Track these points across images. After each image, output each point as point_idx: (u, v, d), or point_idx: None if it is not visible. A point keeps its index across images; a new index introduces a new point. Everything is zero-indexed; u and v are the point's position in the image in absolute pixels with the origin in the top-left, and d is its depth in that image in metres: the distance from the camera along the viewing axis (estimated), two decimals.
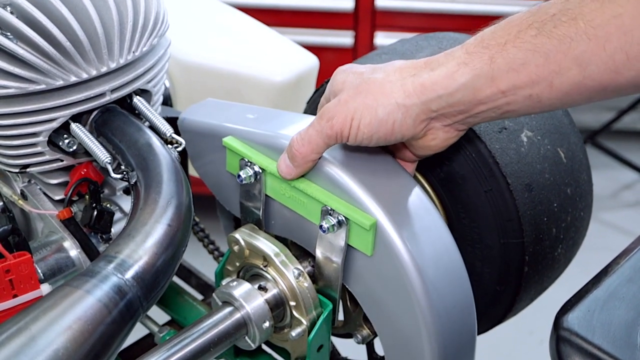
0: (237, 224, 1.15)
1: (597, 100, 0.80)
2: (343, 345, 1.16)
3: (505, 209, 0.95)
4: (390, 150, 0.95)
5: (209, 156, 1.04)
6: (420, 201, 0.93)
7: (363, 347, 1.10)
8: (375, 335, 1.06)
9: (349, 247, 0.91)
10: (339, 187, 0.90)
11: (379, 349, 1.12)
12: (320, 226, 0.90)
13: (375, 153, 0.95)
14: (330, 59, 1.92)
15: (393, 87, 0.84)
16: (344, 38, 2.50)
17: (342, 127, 0.86)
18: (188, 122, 1.04)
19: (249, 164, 0.96)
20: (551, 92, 0.79)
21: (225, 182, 1.04)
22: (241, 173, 0.96)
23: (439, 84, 0.82)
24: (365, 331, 1.04)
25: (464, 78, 0.81)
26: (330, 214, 0.90)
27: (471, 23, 0.85)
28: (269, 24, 1.60)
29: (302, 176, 0.92)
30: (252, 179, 0.96)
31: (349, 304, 1.03)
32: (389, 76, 0.86)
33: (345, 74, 0.90)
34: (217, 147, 1.00)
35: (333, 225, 0.89)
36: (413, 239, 0.88)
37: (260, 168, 0.95)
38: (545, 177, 0.98)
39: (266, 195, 0.98)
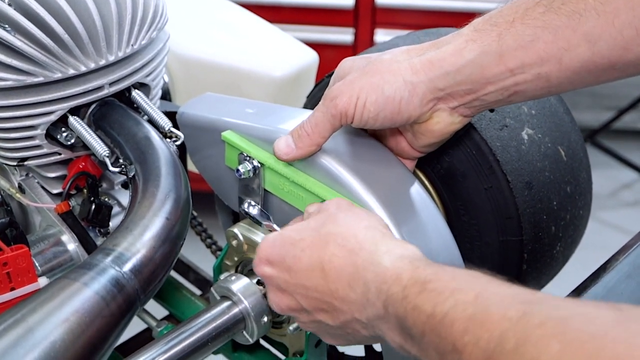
0: (235, 218, 1.14)
1: (605, 81, 0.80)
2: None
3: (505, 207, 0.95)
4: (390, 146, 0.95)
5: (207, 150, 1.03)
6: (419, 197, 0.92)
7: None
8: None
9: None
10: (338, 181, 0.89)
11: (377, 346, 1.11)
12: None
13: (375, 148, 0.94)
14: (330, 56, 1.91)
15: (400, 66, 0.84)
16: (344, 35, 2.50)
17: (347, 106, 0.85)
18: (187, 116, 1.04)
19: (247, 158, 0.96)
20: (560, 70, 0.78)
21: (224, 177, 1.03)
22: (240, 167, 0.96)
23: (446, 60, 0.81)
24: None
25: (471, 54, 0.80)
26: None
27: (471, 21, 0.85)
28: (269, 20, 1.60)
29: (301, 171, 0.92)
30: (251, 174, 0.96)
31: None
32: (396, 57, 0.85)
33: (352, 60, 0.89)
34: (216, 141, 0.99)
35: None
36: (411, 235, 0.88)
37: (259, 162, 0.95)
38: (546, 175, 0.98)
39: (265, 189, 0.98)
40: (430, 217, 0.92)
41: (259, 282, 0.97)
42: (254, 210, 0.89)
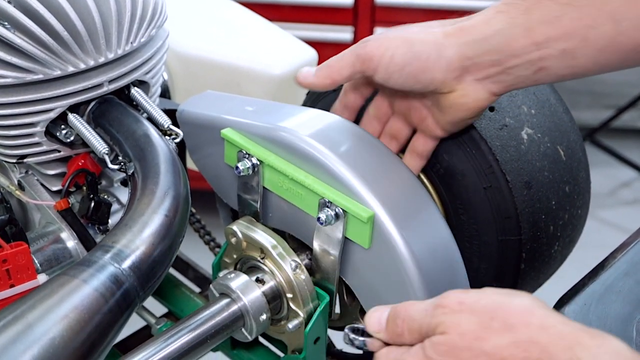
0: (235, 216, 1.14)
1: (632, 66, 0.82)
2: (336, 337, 1.15)
3: (504, 206, 0.95)
4: (414, 121, 0.95)
5: (207, 148, 1.04)
6: (418, 195, 0.93)
7: None
8: None
9: (346, 240, 0.91)
10: (337, 179, 0.89)
11: None
12: (318, 218, 0.90)
13: (375, 147, 0.95)
14: (329, 55, 1.91)
15: (434, 29, 0.87)
16: (344, 33, 2.50)
17: (375, 50, 0.87)
18: (187, 114, 1.04)
19: (247, 155, 0.96)
20: (586, 47, 0.80)
21: (223, 175, 1.03)
22: (239, 165, 0.96)
23: (475, 28, 0.84)
24: (362, 325, 1.03)
25: (499, 24, 0.83)
26: (327, 206, 0.89)
27: None
28: (268, 19, 1.60)
29: (301, 168, 0.92)
30: (250, 171, 0.96)
31: (345, 297, 1.03)
32: (430, 24, 0.88)
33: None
34: (216, 139, 1.00)
35: (331, 217, 0.89)
36: (411, 233, 0.88)
37: (259, 160, 0.95)
38: (545, 175, 0.98)
39: (264, 187, 0.98)
40: (429, 215, 0.92)
41: (257, 280, 0.97)
42: (360, 337, 0.79)
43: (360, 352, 0.78)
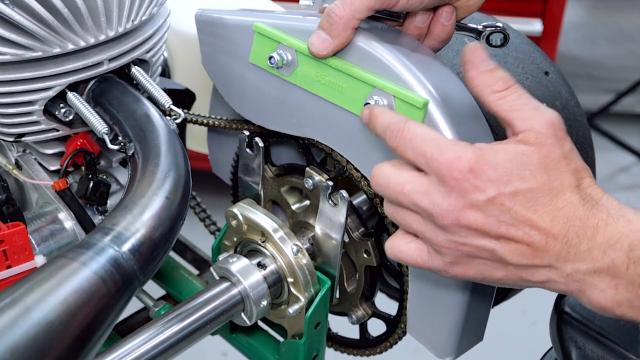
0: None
1: None
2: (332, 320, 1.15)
3: None
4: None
5: (227, 50, 0.99)
6: (460, 89, 0.87)
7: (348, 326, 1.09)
8: (369, 317, 1.04)
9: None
10: (386, 69, 0.84)
11: (372, 330, 1.11)
12: (366, 103, 0.84)
13: (413, 41, 0.90)
14: None
15: None
16: None
17: None
18: (208, 13, 0.98)
19: (282, 47, 0.91)
20: None
21: (238, 81, 0.99)
22: (274, 54, 0.91)
23: None
24: (361, 312, 1.02)
25: None
26: (377, 95, 0.84)
27: None
28: None
29: (344, 60, 0.86)
30: (282, 64, 0.91)
31: (345, 283, 1.02)
32: None
33: None
34: (239, 38, 0.95)
35: (380, 104, 0.83)
36: (462, 127, 0.82)
37: (296, 50, 0.89)
38: None
39: (292, 85, 0.92)
40: (474, 110, 0.87)
41: (259, 264, 0.96)
42: None
43: None
